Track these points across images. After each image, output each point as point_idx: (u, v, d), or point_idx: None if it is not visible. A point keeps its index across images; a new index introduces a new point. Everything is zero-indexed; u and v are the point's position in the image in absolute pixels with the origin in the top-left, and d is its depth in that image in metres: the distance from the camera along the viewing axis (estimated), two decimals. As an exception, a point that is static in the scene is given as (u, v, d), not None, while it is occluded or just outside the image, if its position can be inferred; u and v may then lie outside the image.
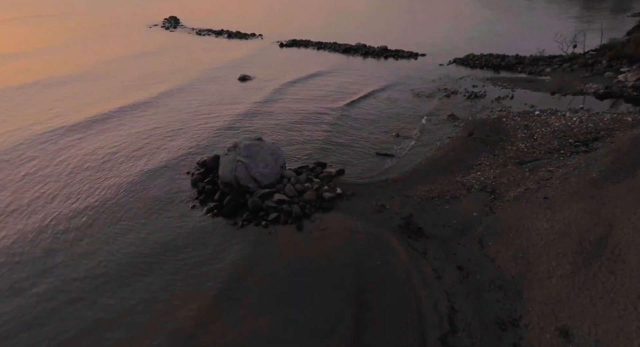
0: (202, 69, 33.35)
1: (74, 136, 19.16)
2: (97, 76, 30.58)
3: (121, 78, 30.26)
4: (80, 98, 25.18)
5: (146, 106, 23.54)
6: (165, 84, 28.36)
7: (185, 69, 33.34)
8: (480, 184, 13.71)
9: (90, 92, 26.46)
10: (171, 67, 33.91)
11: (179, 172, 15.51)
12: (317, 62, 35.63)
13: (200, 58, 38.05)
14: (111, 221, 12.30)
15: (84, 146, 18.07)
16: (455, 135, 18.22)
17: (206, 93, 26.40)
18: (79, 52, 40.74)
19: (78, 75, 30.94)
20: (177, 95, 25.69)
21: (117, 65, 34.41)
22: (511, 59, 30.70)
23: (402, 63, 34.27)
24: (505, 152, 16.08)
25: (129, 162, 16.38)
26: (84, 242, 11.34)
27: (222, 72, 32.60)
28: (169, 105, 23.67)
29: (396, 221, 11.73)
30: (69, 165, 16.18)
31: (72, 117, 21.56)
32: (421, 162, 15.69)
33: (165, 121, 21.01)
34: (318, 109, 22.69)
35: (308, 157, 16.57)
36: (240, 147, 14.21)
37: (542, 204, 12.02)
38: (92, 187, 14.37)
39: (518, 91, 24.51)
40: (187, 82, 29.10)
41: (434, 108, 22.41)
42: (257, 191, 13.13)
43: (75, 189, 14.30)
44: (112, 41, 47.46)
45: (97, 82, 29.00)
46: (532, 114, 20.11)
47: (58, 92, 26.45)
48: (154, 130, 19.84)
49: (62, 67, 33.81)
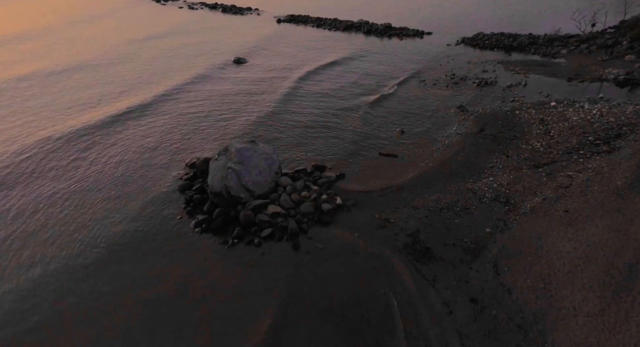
0: (194, 49, 31.43)
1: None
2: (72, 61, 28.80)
3: (100, 61, 28.48)
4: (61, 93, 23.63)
5: (127, 92, 22.01)
6: (150, 67, 26.62)
7: (175, 49, 31.41)
8: (493, 192, 12.56)
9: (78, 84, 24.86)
10: (159, 48, 31.94)
11: (165, 174, 14.34)
12: (316, 42, 33.60)
13: (192, 35, 35.93)
14: (84, 241, 11.26)
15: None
16: (464, 131, 16.87)
17: (197, 79, 24.76)
18: (59, 36, 38.60)
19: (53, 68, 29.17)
20: (163, 82, 24.05)
21: (95, 45, 32.47)
22: (524, 39, 28.71)
23: (406, 43, 32.25)
24: (520, 153, 14.81)
25: (109, 160, 15.17)
26: (45, 262, 10.35)
27: (216, 52, 30.73)
28: (152, 92, 22.12)
29: (402, 239, 10.68)
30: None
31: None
32: (428, 164, 14.46)
33: (149, 112, 19.61)
34: (315, 98, 21.19)
35: (305, 154, 15.34)
36: (231, 152, 12.97)
37: (563, 219, 10.92)
38: (58, 186, 13.26)
39: (532, 77, 22.86)
40: (177, 65, 27.33)
41: (442, 97, 20.89)
42: (250, 202, 12.02)
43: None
44: (93, 14, 45.02)
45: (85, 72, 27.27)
46: (548, 105, 18.65)
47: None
48: (136, 122, 18.47)
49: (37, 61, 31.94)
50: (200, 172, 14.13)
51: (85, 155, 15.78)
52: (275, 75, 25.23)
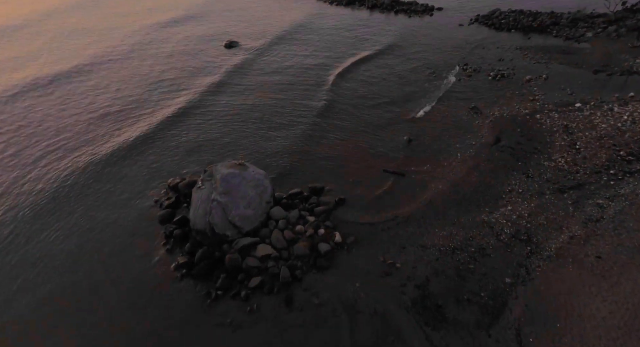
0: (183, 31, 28.76)
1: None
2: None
3: (66, 42, 26.06)
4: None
5: (93, 79, 19.95)
6: (135, 53, 24.30)
7: (161, 28, 28.74)
8: (512, 226, 11.07)
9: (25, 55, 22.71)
10: (144, 28, 29.25)
11: (146, 197, 12.85)
12: (315, 19, 30.74)
13: (180, 10, 33.02)
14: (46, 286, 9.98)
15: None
16: (478, 141, 15.08)
17: (186, 67, 22.57)
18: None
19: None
20: (145, 70, 21.88)
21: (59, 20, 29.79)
22: (545, 19, 25.96)
23: (414, 21, 29.42)
24: (541, 172, 13.15)
25: (82, 179, 13.62)
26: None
27: (206, 34, 28.14)
28: (131, 86, 20.07)
29: (409, 292, 9.35)
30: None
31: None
32: (438, 186, 12.86)
33: (129, 114, 17.75)
34: (312, 93, 19.19)
35: (299, 170, 13.75)
36: (216, 179, 11.37)
37: (595, 268, 9.52)
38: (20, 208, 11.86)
39: (553, 67, 20.60)
40: (166, 50, 24.95)
41: (453, 93, 18.85)
42: (237, 241, 10.61)
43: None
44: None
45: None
46: (572, 107, 16.69)
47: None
48: (114, 128, 16.67)
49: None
50: (184, 196, 12.63)
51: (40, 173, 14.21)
52: (264, 63, 22.97)
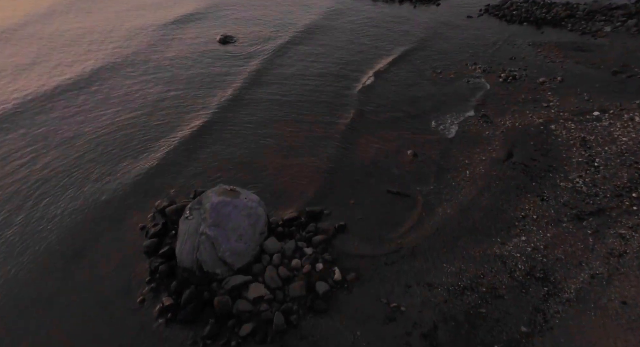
0: (172, 23, 27.19)
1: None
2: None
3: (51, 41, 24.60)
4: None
5: (81, 87, 18.70)
6: (118, 49, 22.90)
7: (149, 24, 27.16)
8: (527, 260, 10.19)
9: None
10: (130, 21, 27.64)
11: (128, 222, 11.95)
12: (313, 8, 29.06)
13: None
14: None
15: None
16: (489, 156, 14.04)
17: (178, 64, 21.28)
18: None
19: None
20: (132, 72, 20.59)
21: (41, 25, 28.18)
22: (559, 10, 24.37)
23: (420, 12, 27.79)
24: (557, 194, 12.18)
25: (49, 193, 12.66)
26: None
27: (198, 27, 26.60)
28: (117, 89, 18.82)
29: (415, 343, 8.55)
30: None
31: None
32: (446, 211, 11.92)
33: (113, 118, 16.59)
34: (312, 99, 18.00)
35: (296, 188, 12.82)
36: (206, 208, 10.43)
37: (621, 317, 8.69)
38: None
39: (568, 67, 19.30)
40: (153, 46, 23.53)
41: (461, 98, 17.66)
42: (227, 279, 9.76)
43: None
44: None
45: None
46: (590, 116, 15.56)
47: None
48: (94, 135, 15.55)
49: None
50: (172, 222, 11.72)
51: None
52: (262, 60, 21.64)
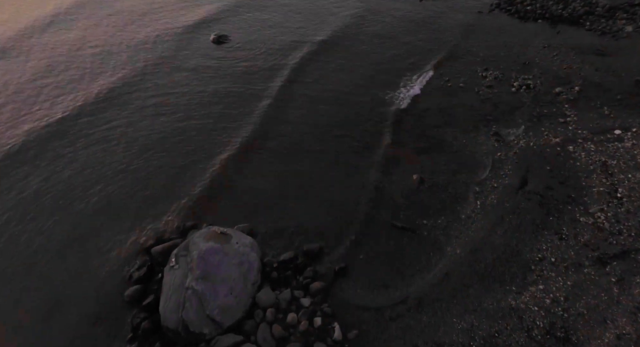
0: (164, 17, 25.58)
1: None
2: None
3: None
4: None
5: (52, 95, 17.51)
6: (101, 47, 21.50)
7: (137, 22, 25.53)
8: (546, 315, 9.33)
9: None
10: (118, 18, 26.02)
11: (111, 264, 11.11)
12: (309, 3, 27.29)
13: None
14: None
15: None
16: (501, 182, 13.01)
17: (169, 63, 19.99)
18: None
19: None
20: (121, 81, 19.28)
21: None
22: (577, 6, 22.67)
23: (425, 6, 25.99)
24: (577, 231, 11.21)
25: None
26: None
27: (191, 23, 25.01)
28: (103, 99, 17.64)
29: None
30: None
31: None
32: (455, 250, 11.02)
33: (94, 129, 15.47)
34: (308, 109, 16.81)
35: (292, 221, 11.91)
36: (193, 257, 9.59)
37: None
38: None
39: (586, 74, 17.91)
40: (141, 49, 22.10)
41: (471, 111, 16.45)
42: (216, 340, 8.98)
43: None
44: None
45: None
46: (611, 135, 14.38)
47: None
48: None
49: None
50: (158, 264, 10.89)
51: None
52: (258, 63, 20.30)
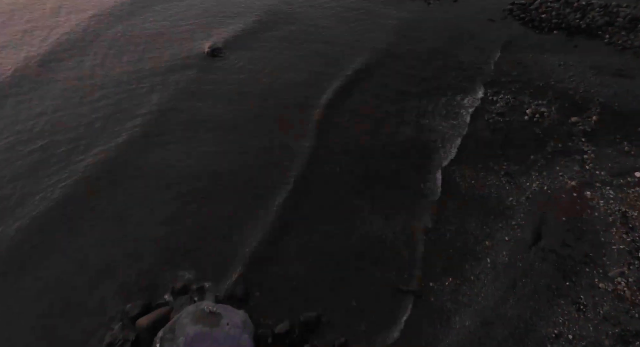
0: (158, 26, 23.98)
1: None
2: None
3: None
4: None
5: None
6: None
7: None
8: (561, 408, 8.69)
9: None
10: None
11: (92, 330, 10.34)
12: (309, 6, 25.63)
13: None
14: None
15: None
16: (513, 236, 12.12)
17: (159, 84, 18.73)
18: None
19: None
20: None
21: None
22: (597, 15, 21.13)
23: (433, 11, 24.38)
24: (596, 301, 10.40)
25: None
26: None
27: (188, 33, 23.38)
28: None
29: None
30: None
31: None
32: (465, 324, 10.24)
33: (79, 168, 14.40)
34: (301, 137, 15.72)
35: (287, 284, 11.13)
36: (178, 344, 8.83)
37: None
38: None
39: (605, 99, 16.68)
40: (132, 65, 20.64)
41: (479, 144, 15.38)
42: None
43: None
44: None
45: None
46: (632, 178, 13.40)
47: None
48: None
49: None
50: (143, 339, 10.14)
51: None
52: (253, 79, 19.02)
